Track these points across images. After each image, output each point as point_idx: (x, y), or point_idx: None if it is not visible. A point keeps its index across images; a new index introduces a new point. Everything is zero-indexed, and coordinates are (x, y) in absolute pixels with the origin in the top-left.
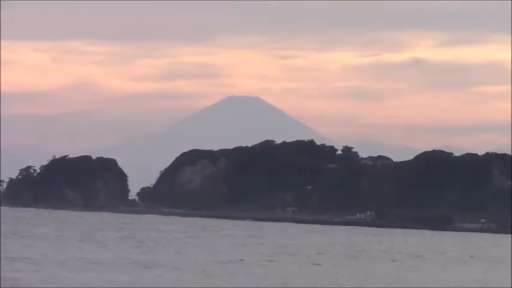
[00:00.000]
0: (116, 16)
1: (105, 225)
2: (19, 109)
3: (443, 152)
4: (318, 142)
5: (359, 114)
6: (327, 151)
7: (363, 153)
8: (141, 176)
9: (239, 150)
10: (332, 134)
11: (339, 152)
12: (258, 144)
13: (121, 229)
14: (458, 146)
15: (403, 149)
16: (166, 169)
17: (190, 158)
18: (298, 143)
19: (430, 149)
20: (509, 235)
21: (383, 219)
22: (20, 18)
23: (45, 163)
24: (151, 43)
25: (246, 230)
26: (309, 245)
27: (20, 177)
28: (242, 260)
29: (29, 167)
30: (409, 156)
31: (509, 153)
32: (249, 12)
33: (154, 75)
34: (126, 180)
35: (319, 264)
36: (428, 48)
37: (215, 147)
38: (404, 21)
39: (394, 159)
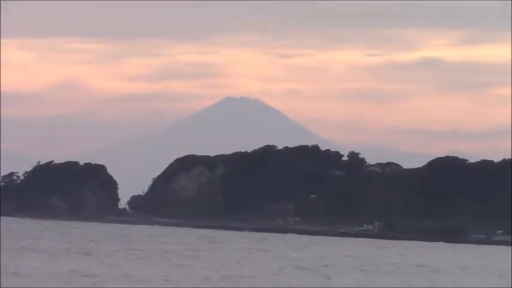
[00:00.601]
0: (107, 12)
1: (98, 236)
2: (2, 111)
3: (457, 159)
4: (322, 147)
5: (366, 118)
6: (332, 157)
7: (371, 160)
8: (132, 183)
9: (237, 156)
10: (337, 139)
11: (345, 158)
12: (258, 149)
13: (115, 240)
14: (474, 152)
15: (413, 155)
16: (159, 176)
17: (185, 164)
18: (301, 149)
19: (442, 155)
20: None
21: (392, 231)
22: (3, 14)
23: (29, 169)
24: (143, 41)
25: (247, 242)
26: (318, 258)
27: (2, 184)
28: (253, 276)
29: (11, 174)
30: (420, 162)
31: None
32: (248, 8)
33: (146, 75)
34: (116, 188)
35: (329, 278)
36: (442, 47)
37: (212, 152)
38: (416, 18)
39: (404, 166)
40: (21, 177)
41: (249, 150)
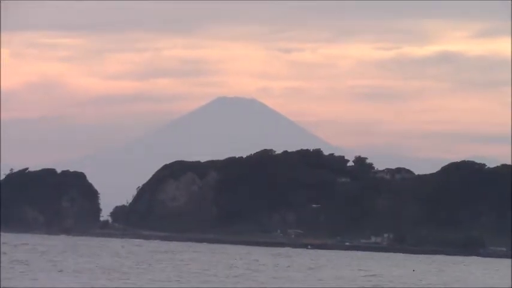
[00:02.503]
0: (87, 3)
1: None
2: None
3: (474, 163)
4: (326, 152)
5: (376, 119)
6: (337, 162)
7: (379, 165)
8: (114, 193)
9: (231, 162)
10: (343, 143)
11: (351, 163)
12: (254, 154)
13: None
14: (493, 156)
15: (426, 160)
16: (144, 185)
17: (174, 172)
18: (302, 153)
19: (458, 160)
20: None
21: (402, 243)
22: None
23: (1, 177)
24: (128, 35)
25: (247, 256)
26: (336, 277)
27: None
28: None
29: None
30: (433, 168)
31: None
32: None
33: (132, 73)
34: (97, 198)
35: None
36: (460, 40)
37: (203, 158)
38: (432, 8)
39: (416, 172)
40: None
41: (244, 155)
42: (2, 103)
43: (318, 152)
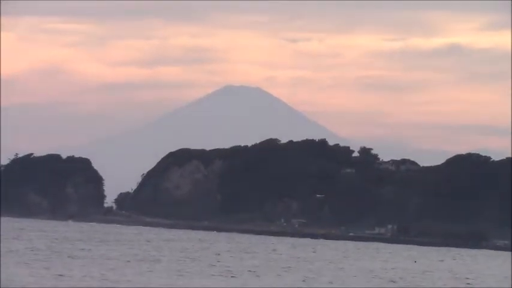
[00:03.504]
0: None
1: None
2: None
3: (479, 156)
4: (331, 142)
5: (382, 110)
6: (341, 153)
7: (384, 156)
8: (119, 179)
9: (236, 151)
10: (348, 133)
11: (356, 154)
12: (259, 143)
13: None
14: (498, 149)
15: (432, 151)
16: (149, 172)
17: (179, 159)
18: (307, 143)
19: (464, 152)
20: None
21: (406, 234)
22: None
23: (5, 162)
24: (136, 22)
25: (256, 246)
26: (354, 268)
27: None
28: None
29: None
30: (438, 160)
31: None
32: None
33: (137, 60)
34: (102, 184)
35: None
36: (467, 33)
37: (208, 146)
38: (439, 0)
39: (421, 164)
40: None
41: (249, 144)
42: (8, 88)
43: (323, 142)
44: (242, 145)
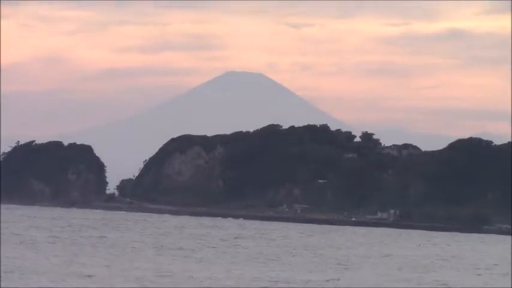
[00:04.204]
0: None
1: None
2: None
3: (481, 140)
4: (333, 127)
5: (383, 96)
6: (343, 138)
7: (386, 141)
8: (121, 166)
9: (238, 136)
10: (350, 119)
11: (357, 139)
12: (261, 129)
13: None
14: (500, 133)
15: (433, 136)
16: (151, 158)
17: (181, 145)
18: (309, 128)
19: (465, 137)
20: None
21: (408, 219)
22: None
23: (7, 150)
24: (137, 8)
25: (260, 232)
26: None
27: None
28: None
29: None
30: (440, 145)
31: None
32: None
33: (139, 46)
34: (104, 171)
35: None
36: (470, 17)
37: (210, 132)
38: None
39: (423, 148)
40: (0, 159)
41: (251, 130)
42: (9, 76)
43: (324, 128)
44: (244, 131)
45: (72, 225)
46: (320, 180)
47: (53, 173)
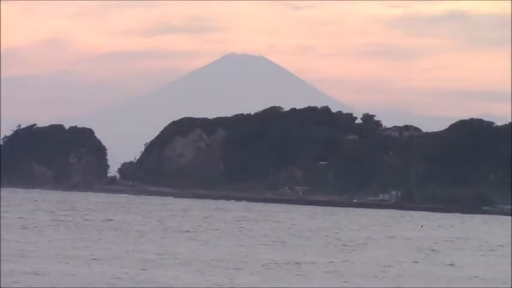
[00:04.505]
0: None
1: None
2: None
3: (483, 121)
4: (334, 109)
5: (384, 77)
6: (344, 120)
7: (387, 123)
8: (122, 149)
9: (239, 119)
10: (351, 100)
11: (359, 120)
12: (262, 111)
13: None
14: (502, 114)
15: (435, 117)
16: (152, 141)
17: (182, 128)
18: (310, 111)
19: (467, 118)
20: None
21: (410, 201)
22: None
23: (8, 133)
24: None
25: (263, 214)
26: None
27: None
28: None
29: None
30: (441, 126)
31: None
32: None
33: (139, 30)
34: (105, 154)
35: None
36: None
37: (211, 115)
38: None
39: (424, 130)
40: (0, 142)
41: (252, 112)
42: (9, 59)
43: (325, 109)
44: (245, 113)
45: (76, 208)
46: (321, 162)
47: (54, 156)
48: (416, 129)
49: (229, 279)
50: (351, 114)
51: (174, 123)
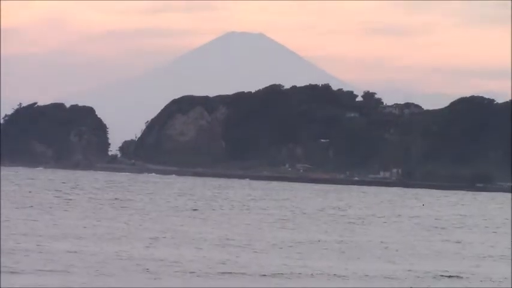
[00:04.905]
0: None
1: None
2: None
3: (483, 99)
4: (335, 87)
5: (385, 55)
6: (345, 97)
7: (388, 100)
8: (123, 127)
9: (240, 97)
10: (351, 79)
11: (359, 98)
12: (263, 89)
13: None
14: (503, 91)
15: (436, 95)
16: (153, 119)
17: (182, 106)
18: (311, 88)
19: (467, 95)
20: None
21: (411, 178)
22: None
23: (9, 112)
24: None
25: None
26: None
27: None
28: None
29: None
30: (442, 103)
31: None
32: None
33: (139, 7)
34: (106, 132)
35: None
36: None
37: (212, 93)
38: None
39: (425, 107)
40: (1, 121)
41: (253, 90)
42: (10, 38)
43: (326, 87)
44: (246, 91)
45: (79, 187)
46: (322, 140)
47: (55, 135)
48: (417, 106)
49: (237, 257)
50: (352, 91)
51: (174, 101)
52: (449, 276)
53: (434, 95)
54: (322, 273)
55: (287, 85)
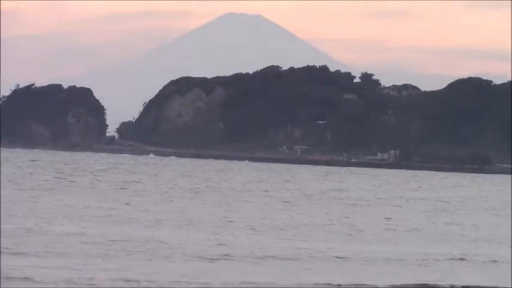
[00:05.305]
0: None
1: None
2: None
3: (481, 80)
4: (332, 68)
5: (382, 37)
6: (343, 79)
7: (386, 82)
8: (121, 108)
9: (238, 78)
10: (349, 60)
11: (357, 80)
12: (261, 70)
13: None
14: (501, 72)
15: (433, 76)
16: (151, 100)
17: (180, 88)
18: (308, 70)
19: (465, 77)
20: None
21: (408, 160)
22: None
23: (7, 93)
24: None
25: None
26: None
27: None
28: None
29: None
30: (440, 85)
31: None
32: None
33: None
34: (104, 114)
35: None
36: None
37: (209, 74)
38: None
39: (423, 89)
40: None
41: (251, 71)
42: (9, 20)
43: (324, 69)
44: (243, 72)
45: (80, 167)
46: (320, 122)
47: (53, 116)
48: (415, 88)
49: (239, 239)
50: (350, 73)
51: (172, 82)
52: (453, 259)
53: (432, 76)
54: (323, 255)
55: (285, 66)
